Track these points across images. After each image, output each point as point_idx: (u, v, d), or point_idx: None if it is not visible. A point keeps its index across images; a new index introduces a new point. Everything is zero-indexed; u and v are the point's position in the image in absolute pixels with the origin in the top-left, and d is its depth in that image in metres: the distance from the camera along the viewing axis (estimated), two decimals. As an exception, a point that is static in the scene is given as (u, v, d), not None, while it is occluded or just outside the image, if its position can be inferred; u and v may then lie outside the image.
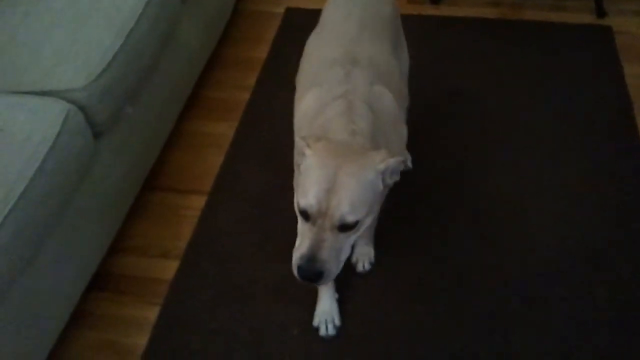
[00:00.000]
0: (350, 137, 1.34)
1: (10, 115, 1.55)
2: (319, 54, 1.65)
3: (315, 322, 1.75)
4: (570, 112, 2.35)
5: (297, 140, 1.36)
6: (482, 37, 2.68)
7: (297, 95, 1.68)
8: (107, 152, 1.80)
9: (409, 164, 1.41)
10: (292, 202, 1.44)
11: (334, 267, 1.26)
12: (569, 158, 2.17)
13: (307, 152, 1.29)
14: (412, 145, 2.20)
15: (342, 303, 1.78)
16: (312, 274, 1.24)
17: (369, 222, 1.29)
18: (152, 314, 1.81)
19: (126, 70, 1.79)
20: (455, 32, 2.71)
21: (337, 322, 1.75)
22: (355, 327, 1.74)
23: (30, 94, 1.63)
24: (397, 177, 1.31)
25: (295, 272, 1.27)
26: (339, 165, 1.24)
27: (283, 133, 2.19)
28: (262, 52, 2.67)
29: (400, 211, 1.52)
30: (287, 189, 2.05)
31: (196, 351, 1.71)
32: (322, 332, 1.73)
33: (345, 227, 1.23)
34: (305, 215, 1.24)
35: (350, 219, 1.22)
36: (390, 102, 1.52)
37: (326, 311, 1.75)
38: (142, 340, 1.75)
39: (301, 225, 1.29)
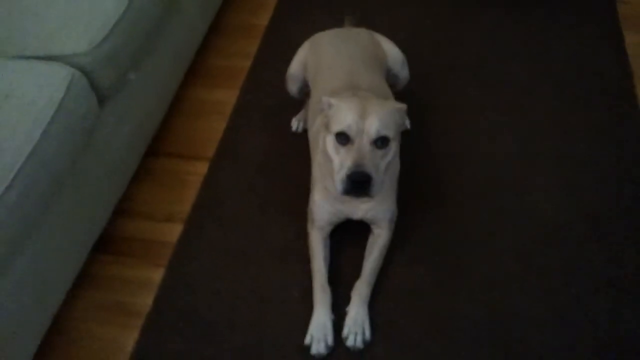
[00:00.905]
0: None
1: (15, 80, 1.57)
2: (322, 92, 1.78)
3: (307, 340, 1.64)
4: (571, 79, 2.36)
5: (322, 100, 1.60)
6: (481, 5, 2.68)
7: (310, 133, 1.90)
8: (111, 117, 1.82)
9: (408, 126, 1.56)
10: (294, 167, 1.55)
11: (377, 179, 1.47)
12: (570, 125, 2.20)
13: (333, 101, 1.55)
14: (412, 112, 2.23)
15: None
16: (363, 176, 1.44)
17: (390, 159, 1.55)
18: (157, 275, 1.85)
19: (129, 36, 1.80)
20: (453, 1, 2.71)
21: (330, 341, 1.63)
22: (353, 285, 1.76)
23: (35, 58, 1.65)
24: (406, 125, 1.55)
25: (342, 186, 1.48)
26: (365, 102, 1.53)
27: (285, 100, 2.22)
28: (263, 19, 2.68)
29: (402, 176, 1.55)
30: (288, 153, 2.10)
31: (200, 311, 1.75)
32: (314, 350, 1.62)
33: (380, 142, 1.49)
34: (343, 138, 1.50)
35: (384, 132, 1.49)
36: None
37: (320, 328, 1.64)
38: (147, 301, 1.79)
39: (337, 154, 1.52)
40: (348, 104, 1.53)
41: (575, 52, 2.47)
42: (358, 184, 1.45)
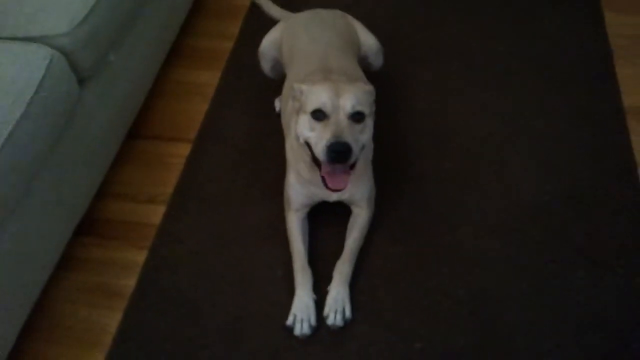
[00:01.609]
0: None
1: (-6, 61, 1.56)
2: (296, 77, 1.82)
3: (290, 321, 1.65)
4: (551, 58, 2.38)
5: (294, 87, 1.64)
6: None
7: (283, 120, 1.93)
8: (92, 98, 1.81)
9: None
10: (277, 147, 1.53)
11: (356, 150, 1.52)
12: (549, 103, 2.22)
13: (304, 86, 1.60)
14: (393, 88, 2.25)
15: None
16: (342, 146, 1.47)
17: (367, 137, 1.60)
18: (139, 257, 1.85)
19: (109, 16, 1.79)
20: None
21: (313, 321, 1.65)
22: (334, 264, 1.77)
23: (13, 39, 1.64)
24: (374, 106, 1.61)
25: (323, 154, 1.51)
26: (336, 83, 1.59)
27: (266, 81, 2.22)
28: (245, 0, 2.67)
29: (380, 153, 1.56)
30: (271, 134, 2.10)
31: (184, 291, 1.76)
32: (297, 331, 1.63)
33: (356, 117, 1.54)
34: (320, 114, 1.53)
35: (359, 108, 1.54)
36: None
37: (302, 309, 1.65)
38: (130, 282, 1.79)
39: (312, 131, 1.55)
40: (321, 86, 1.58)
41: (556, 31, 2.49)
42: (338, 154, 1.48)
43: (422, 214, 1.91)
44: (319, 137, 1.52)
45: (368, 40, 2.07)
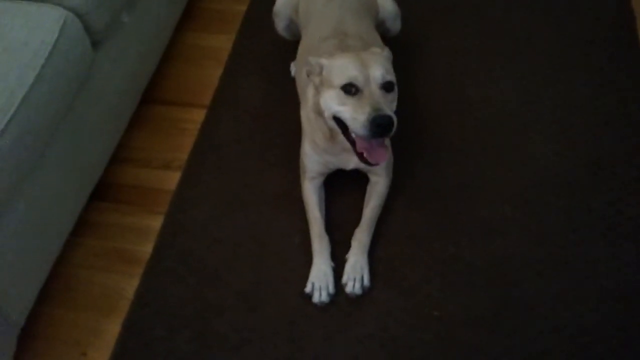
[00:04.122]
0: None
1: (6, 22, 1.52)
2: (311, 40, 1.81)
3: (308, 289, 1.64)
4: (572, 24, 2.32)
5: (309, 61, 1.60)
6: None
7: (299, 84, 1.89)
8: (106, 61, 1.78)
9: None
10: (293, 112, 1.50)
11: (395, 121, 1.47)
12: (570, 70, 2.16)
13: (324, 61, 1.57)
14: (411, 54, 2.20)
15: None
16: (386, 119, 1.44)
17: (395, 103, 1.56)
18: (156, 223, 1.84)
19: (123, -24, 1.75)
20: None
21: (332, 289, 1.64)
22: (352, 232, 1.75)
23: (26, 0, 1.60)
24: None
25: (364, 129, 1.46)
26: (358, 54, 1.56)
27: (281, 45, 2.18)
28: (258, -38, 2.60)
29: (398, 120, 1.52)
30: (286, 99, 2.07)
31: (200, 257, 1.75)
32: (316, 298, 1.63)
33: (387, 87, 1.51)
34: (350, 88, 1.49)
35: (388, 77, 1.52)
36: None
37: (320, 277, 1.65)
38: (147, 248, 1.79)
39: (343, 105, 1.50)
40: (345, 58, 1.54)
41: (577, -4, 2.42)
42: (381, 127, 1.44)
43: (440, 182, 1.88)
44: (356, 112, 1.47)
45: (386, 4, 2.02)
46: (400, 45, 2.09)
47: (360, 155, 1.53)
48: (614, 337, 1.56)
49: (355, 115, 1.47)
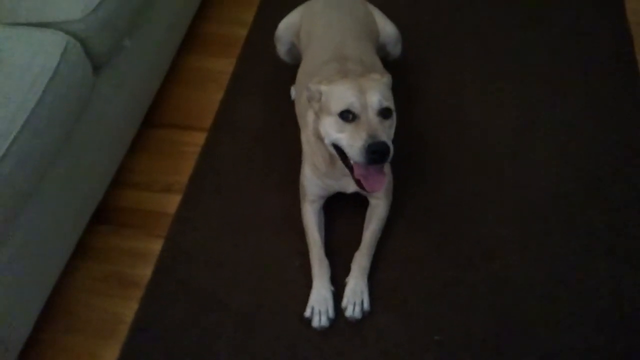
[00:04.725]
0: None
1: (8, 47, 1.53)
2: (311, 64, 1.81)
3: (308, 313, 1.63)
4: (570, 46, 2.34)
5: (309, 87, 1.60)
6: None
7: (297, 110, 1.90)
8: (107, 85, 1.79)
9: None
10: (293, 136, 1.49)
11: (392, 148, 1.47)
12: (567, 90, 2.18)
13: (323, 87, 1.56)
14: (411, 76, 2.21)
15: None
16: (381, 146, 1.43)
17: (393, 129, 1.56)
18: (156, 246, 1.84)
19: (124, 1, 1.76)
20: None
21: (332, 313, 1.63)
22: (352, 256, 1.75)
23: (28, 25, 1.61)
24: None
25: (361, 156, 1.46)
26: (356, 80, 1.55)
27: (281, 68, 2.19)
28: (260, -14, 2.63)
29: (398, 142, 1.53)
30: (286, 123, 2.07)
31: (200, 280, 1.74)
32: (315, 323, 1.62)
33: (385, 113, 1.51)
34: (348, 115, 1.49)
35: (386, 104, 1.51)
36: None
37: (320, 301, 1.64)
38: (146, 272, 1.78)
39: (341, 132, 1.50)
40: (343, 85, 1.53)
41: (575, 18, 2.43)
42: (377, 154, 1.44)
43: (440, 204, 1.88)
44: (353, 139, 1.47)
45: (387, 28, 2.03)
46: (400, 68, 2.10)
47: (358, 182, 1.53)
48: (617, 359, 1.55)
49: (352, 142, 1.47)
